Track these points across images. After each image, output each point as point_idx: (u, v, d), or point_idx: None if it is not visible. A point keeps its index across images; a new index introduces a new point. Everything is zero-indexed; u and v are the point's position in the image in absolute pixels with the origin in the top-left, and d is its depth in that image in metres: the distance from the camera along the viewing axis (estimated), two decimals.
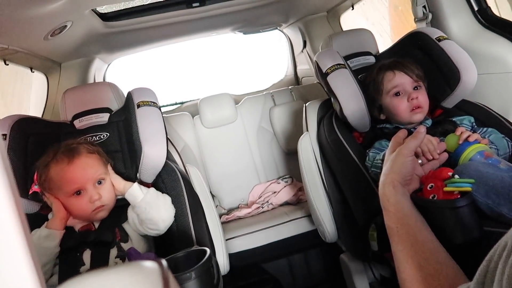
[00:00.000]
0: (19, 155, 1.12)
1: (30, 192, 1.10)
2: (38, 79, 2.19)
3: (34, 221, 1.10)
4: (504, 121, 1.27)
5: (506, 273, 0.40)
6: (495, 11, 1.52)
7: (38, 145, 1.17)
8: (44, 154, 1.09)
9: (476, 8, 1.52)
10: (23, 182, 1.10)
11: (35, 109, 2.22)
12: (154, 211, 1.08)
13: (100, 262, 1.03)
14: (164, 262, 0.38)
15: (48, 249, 1.00)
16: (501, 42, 1.41)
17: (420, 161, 0.89)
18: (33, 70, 2.03)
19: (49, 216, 1.09)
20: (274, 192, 2.24)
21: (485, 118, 1.31)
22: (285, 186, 2.24)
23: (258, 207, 2.17)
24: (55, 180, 1.04)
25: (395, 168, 0.79)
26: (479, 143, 1.07)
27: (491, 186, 0.84)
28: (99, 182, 1.09)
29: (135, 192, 1.10)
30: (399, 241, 0.73)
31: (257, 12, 2.29)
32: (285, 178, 2.31)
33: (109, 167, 1.15)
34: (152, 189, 1.14)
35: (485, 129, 1.24)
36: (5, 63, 1.75)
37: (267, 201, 2.19)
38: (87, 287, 0.35)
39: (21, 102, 2.31)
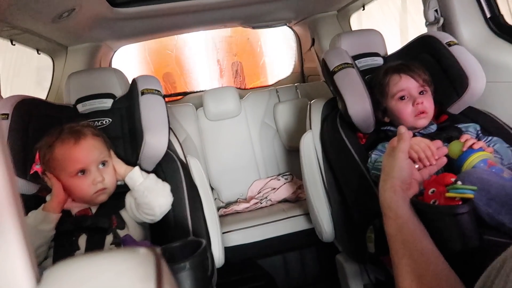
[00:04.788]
0: (20, 135, 1.11)
1: (31, 172, 1.09)
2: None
3: (32, 202, 1.09)
4: (510, 130, 1.26)
5: None
6: (509, 20, 1.50)
7: (40, 126, 1.17)
8: (47, 135, 1.09)
9: (488, 15, 1.50)
10: (22, 162, 1.09)
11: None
12: (151, 195, 1.08)
13: (95, 248, 1.03)
14: (158, 250, 0.37)
15: (44, 232, 1.00)
16: (511, 51, 1.39)
17: (417, 166, 0.88)
18: (39, 52, 2.02)
19: (47, 198, 1.09)
20: (274, 189, 2.23)
21: (491, 126, 1.29)
22: (284, 183, 2.23)
23: (257, 203, 2.16)
24: (59, 160, 1.04)
25: (393, 172, 0.79)
26: (484, 151, 1.06)
27: (493, 194, 0.83)
28: (103, 164, 1.09)
29: (135, 176, 1.10)
30: (398, 249, 0.72)
31: (267, 7, 2.28)
32: (285, 175, 2.31)
33: (112, 152, 1.15)
34: (152, 175, 1.14)
35: (490, 138, 1.22)
36: (12, 43, 1.75)
37: (266, 197, 2.18)
38: (80, 269, 0.35)
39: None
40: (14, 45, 1.76)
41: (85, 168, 1.05)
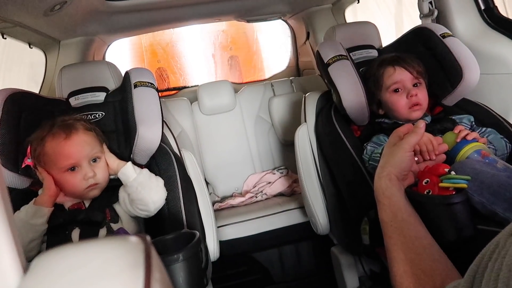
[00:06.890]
0: (12, 129, 1.10)
1: (22, 166, 1.08)
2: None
3: (24, 196, 1.08)
4: (504, 122, 1.26)
5: (494, 274, 0.39)
6: (502, 11, 1.51)
7: (32, 120, 1.15)
8: (39, 129, 1.07)
9: (482, 7, 1.50)
10: (14, 156, 1.08)
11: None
12: (145, 191, 1.07)
13: None
14: (148, 237, 0.37)
15: (36, 226, 0.98)
16: (505, 43, 1.39)
17: (416, 159, 0.88)
18: (31, 46, 1.99)
19: (39, 192, 1.08)
20: (269, 183, 2.23)
21: (484, 118, 1.30)
22: (280, 177, 2.23)
23: (252, 197, 2.16)
24: (50, 155, 1.03)
25: (393, 161, 0.79)
26: (477, 142, 1.06)
27: (486, 184, 0.84)
28: (94, 160, 1.08)
29: (128, 171, 1.09)
30: (392, 235, 0.72)
31: (262, 0, 2.26)
32: (281, 169, 2.31)
33: (104, 146, 1.14)
34: (145, 170, 1.13)
35: (484, 129, 1.23)
36: (3, 37, 1.72)
37: (261, 191, 2.18)
38: (68, 257, 0.35)
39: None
40: (5, 38, 1.73)
41: (75, 164, 1.04)
